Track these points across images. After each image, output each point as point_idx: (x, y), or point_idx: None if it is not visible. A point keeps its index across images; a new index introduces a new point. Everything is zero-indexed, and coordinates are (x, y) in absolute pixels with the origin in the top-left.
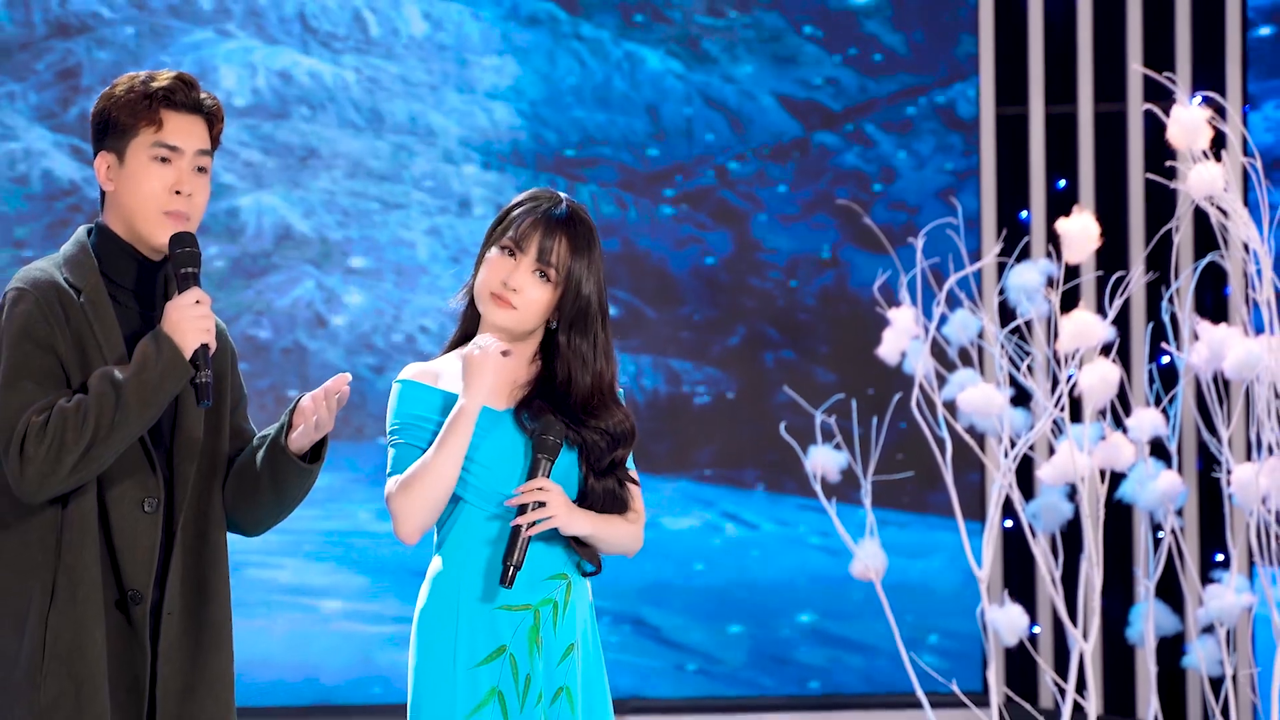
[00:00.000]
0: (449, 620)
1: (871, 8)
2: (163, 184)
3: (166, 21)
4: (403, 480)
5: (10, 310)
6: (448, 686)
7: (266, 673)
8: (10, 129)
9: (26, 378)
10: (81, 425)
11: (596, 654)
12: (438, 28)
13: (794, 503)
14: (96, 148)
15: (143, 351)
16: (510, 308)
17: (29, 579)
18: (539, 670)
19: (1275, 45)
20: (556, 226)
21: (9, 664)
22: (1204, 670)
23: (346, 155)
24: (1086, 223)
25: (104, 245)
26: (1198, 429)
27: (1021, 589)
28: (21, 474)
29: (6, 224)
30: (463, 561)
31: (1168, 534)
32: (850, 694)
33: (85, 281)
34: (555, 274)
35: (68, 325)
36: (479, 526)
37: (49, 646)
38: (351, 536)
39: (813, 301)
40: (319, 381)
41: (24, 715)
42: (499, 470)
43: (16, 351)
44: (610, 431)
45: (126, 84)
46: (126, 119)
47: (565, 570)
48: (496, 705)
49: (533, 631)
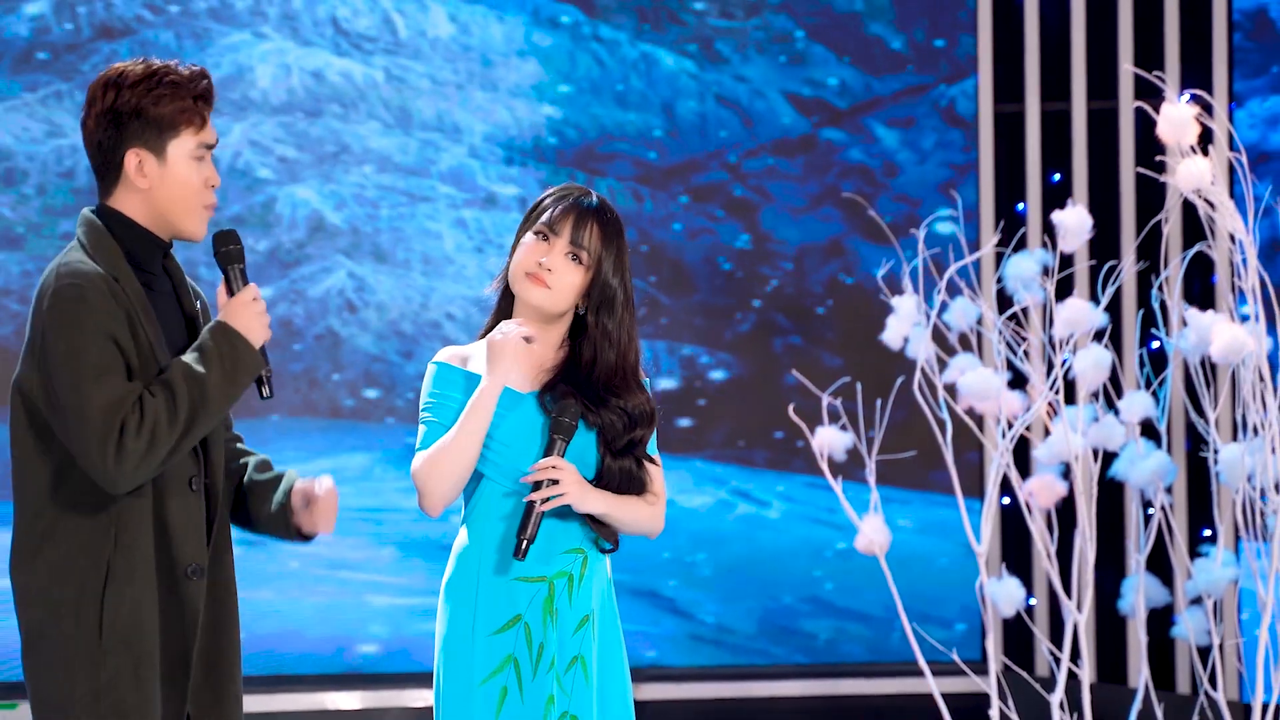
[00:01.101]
0: (469, 590)
1: (875, 10)
2: (202, 181)
3: (206, 24)
4: (427, 456)
5: (74, 305)
6: (467, 653)
7: (299, 643)
8: (58, 126)
9: (108, 372)
10: (171, 421)
11: (614, 626)
12: (463, 30)
13: (802, 481)
14: (118, 142)
15: (216, 347)
16: (545, 286)
17: (87, 559)
18: (552, 640)
19: (1259, 45)
20: (588, 214)
21: (68, 642)
22: (1192, 640)
23: (376, 151)
24: (1080, 214)
25: (125, 233)
26: (1186, 411)
27: (1018, 563)
28: (117, 466)
29: (54, 217)
30: (483, 535)
31: (1157, 510)
32: (855, 663)
33: (119, 270)
34: (587, 257)
35: (120, 313)
36: (498, 502)
37: (107, 625)
38: (381, 513)
39: (820, 290)
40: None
41: (85, 692)
42: (519, 449)
43: (91, 345)
44: (629, 412)
45: (144, 75)
46: (168, 117)
47: (582, 545)
48: (511, 671)
49: (548, 602)
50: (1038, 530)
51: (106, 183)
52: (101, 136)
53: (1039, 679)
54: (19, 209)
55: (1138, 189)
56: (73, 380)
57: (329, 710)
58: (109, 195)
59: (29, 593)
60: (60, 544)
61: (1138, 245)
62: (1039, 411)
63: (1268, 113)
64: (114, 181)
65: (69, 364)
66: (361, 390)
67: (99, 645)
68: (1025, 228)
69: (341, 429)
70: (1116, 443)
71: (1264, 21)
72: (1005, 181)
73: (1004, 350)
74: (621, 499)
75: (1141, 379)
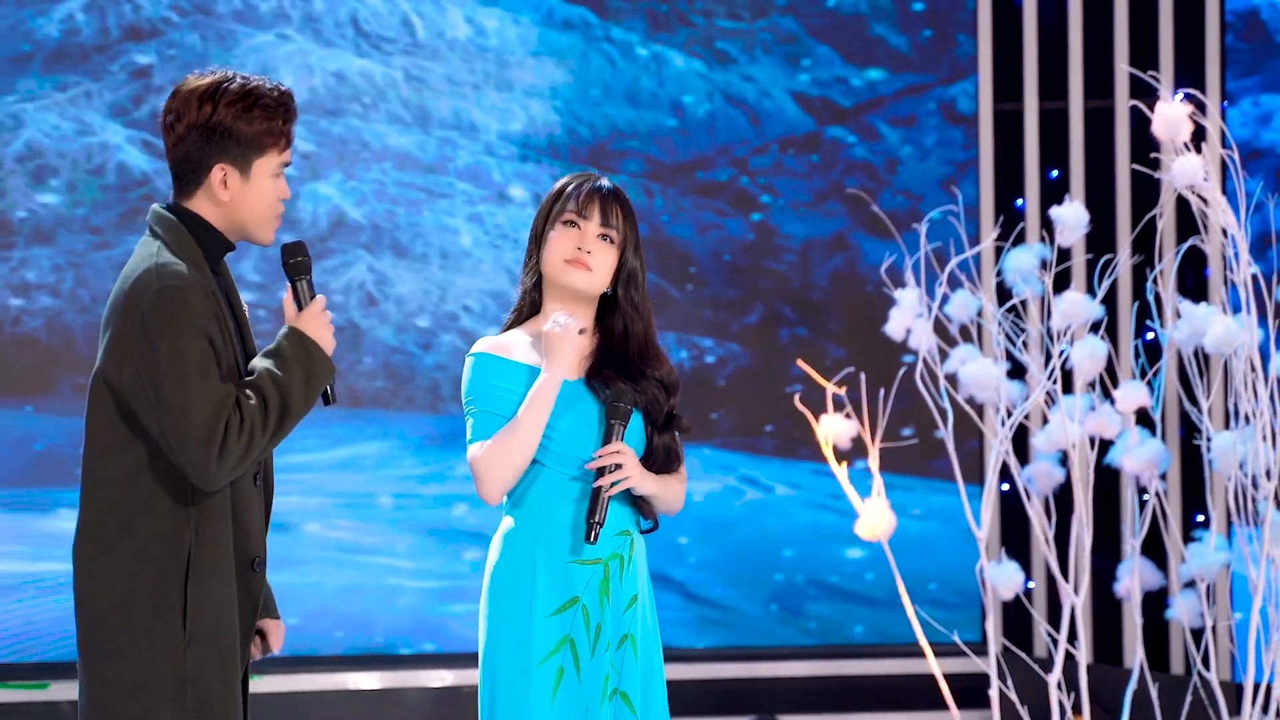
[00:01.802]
0: (525, 572)
1: (878, 12)
2: (278, 196)
3: (230, 26)
4: (488, 446)
5: (178, 306)
6: (523, 634)
7: (323, 624)
8: (88, 125)
9: (209, 372)
10: (265, 423)
11: (653, 605)
12: (480, 31)
13: (807, 468)
14: (207, 156)
15: (295, 354)
16: (587, 269)
17: (166, 550)
18: (608, 619)
19: (1251, 46)
20: (611, 197)
21: (144, 632)
22: (1186, 622)
23: (395, 149)
24: (1077, 210)
25: (204, 236)
26: (1180, 400)
27: (1017, 547)
28: (219, 465)
29: (84, 212)
30: (540, 520)
31: (1152, 497)
32: (858, 644)
33: (202, 271)
34: (617, 236)
35: (212, 314)
36: (560, 487)
37: (191, 616)
38: (398, 499)
39: (824, 282)
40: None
41: (166, 682)
42: (576, 435)
43: (194, 346)
44: (663, 382)
45: (241, 96)
46: (257, 138)
47: (629, 527)
48: (568, 651)
49: (603, 584)
50: (1036, 516)
51: (186, 186)
52: (191, 147)
53: (1037, 660)
54: (49, 205)
55: (1133, 185)
56: (178, 379)
57: (349, 690)
58: (187, 198)
59: (96, 582)
60: (136, 535)
61: (1133, 240)
62: (1037, 401)
63: (1259, 111)
64: (195, 188)
65: (175, 363)
66: (381, 380)
67: (182, 636)
68: (1024, 223)
69: (362, 417)
70: (1112, 431)
71: (1255, 22)
72: (1005, 178)
73: (1003, 341)
74: (665, 479)
75: (1136, 369)
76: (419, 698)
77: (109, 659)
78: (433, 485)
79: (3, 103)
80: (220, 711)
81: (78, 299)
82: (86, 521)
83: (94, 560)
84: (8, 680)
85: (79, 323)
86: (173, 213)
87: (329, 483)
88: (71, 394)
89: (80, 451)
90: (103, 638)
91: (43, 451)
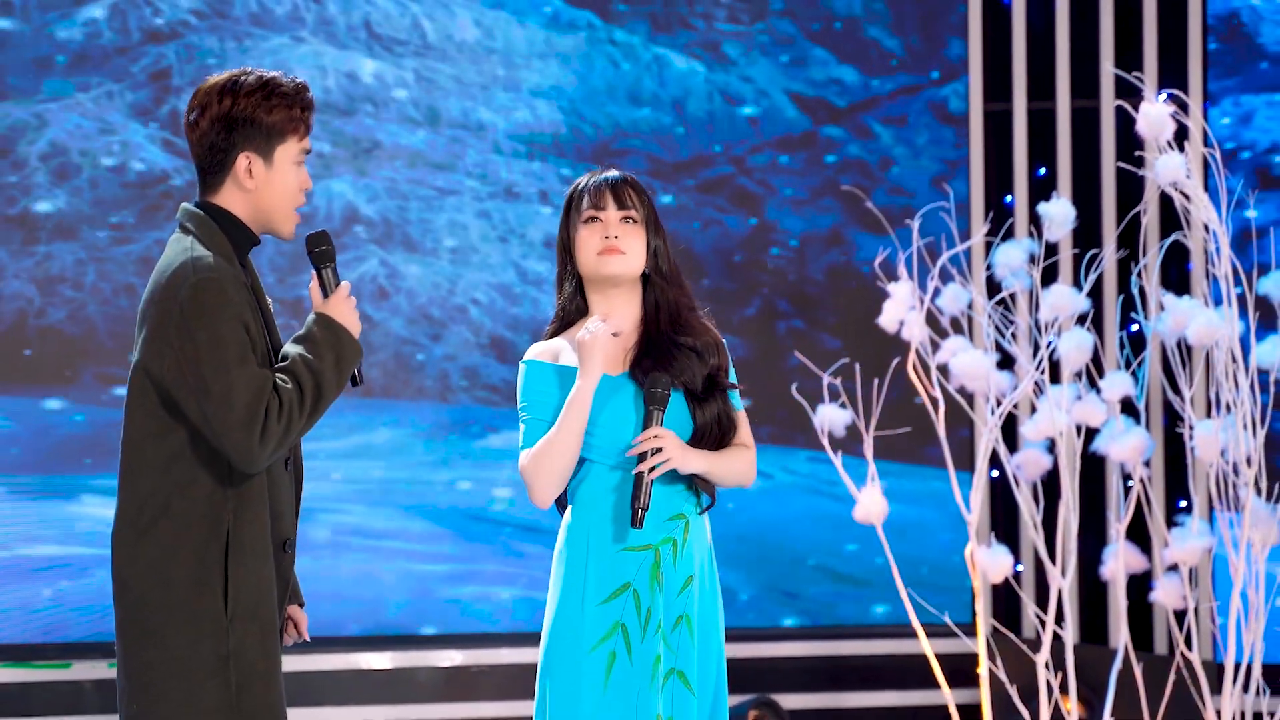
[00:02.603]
0: (579, 563)
1: (872, 15)
2: (300, 185)
3: (247, 29)
4: (533, 454)
5: (215, 296)
6: (576, 622)
7: (334, 607)
8: (110, 124)
9: (247, 359)
10: (301, 406)
11: (713, 585)
12: (487, 34)
13: (804, 455)
14: (230, 146)
15: (324, 338)
16: (620, 253)
17: (206, 533)
18: (659, 603)
19: (1232, 48)
20: (621, 183)
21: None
22: (1169, 604)
23: (406, 147)
24: (1064, 206)
25: (231, 228)
26: (1163, 389)
27: (1006, 532)
28: (261, 448)
29: (105, 208)
30: (590, 511)
31: (1136, 483)
32: (853, 624)
33: (233, 262)
34: (638, 214)
35: (246, 304)
36: (604, 478)
37: (232, 596)
38: (410, 485)
39: (820, 276)
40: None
41: (210, 659)
42: (619, 429)
43: (233, 334)
44: (697, 349)
45: (259, 86)
46: (277, 125)
47: (684, 510)
48: (619, 637)
49: (654, 568)
50: (1024, 501)
51: (212, 180)
52: (216, 139)
53: (1025, 640)
54: (72, 201)
55: (1118, 182)
56: (219, 366)
57: (362, 669)
58: (214, 193)
59: (137, 565)
60: (176, 518)
61: (1118, 235)
62: (1026, 390)
63: (1240, 111)
64: (221, 181)
65: (214, 351)
66: (392, 370)
67: (224, 615)
68: (1013, 218)
69: (374, 407)
70: (1098, 419)
71: (1236, 26)
72: (994, 175)
73: (993, 333)
74: (718, 455)
75: (1121, 360)
76: (430, 677)
77: (151, 640)
78: (443, 472)
79: (28, 103)
80: (262, 688)
81: (99, 292)
82: (126, 508)
83: (134, 545)
84: (33, 660)
85: (101, 315)
86: (201, 208)
87: (342, 469)
88: (93, 383)
89: (108, 438)
90: (144, 619)
91: (66, 439)
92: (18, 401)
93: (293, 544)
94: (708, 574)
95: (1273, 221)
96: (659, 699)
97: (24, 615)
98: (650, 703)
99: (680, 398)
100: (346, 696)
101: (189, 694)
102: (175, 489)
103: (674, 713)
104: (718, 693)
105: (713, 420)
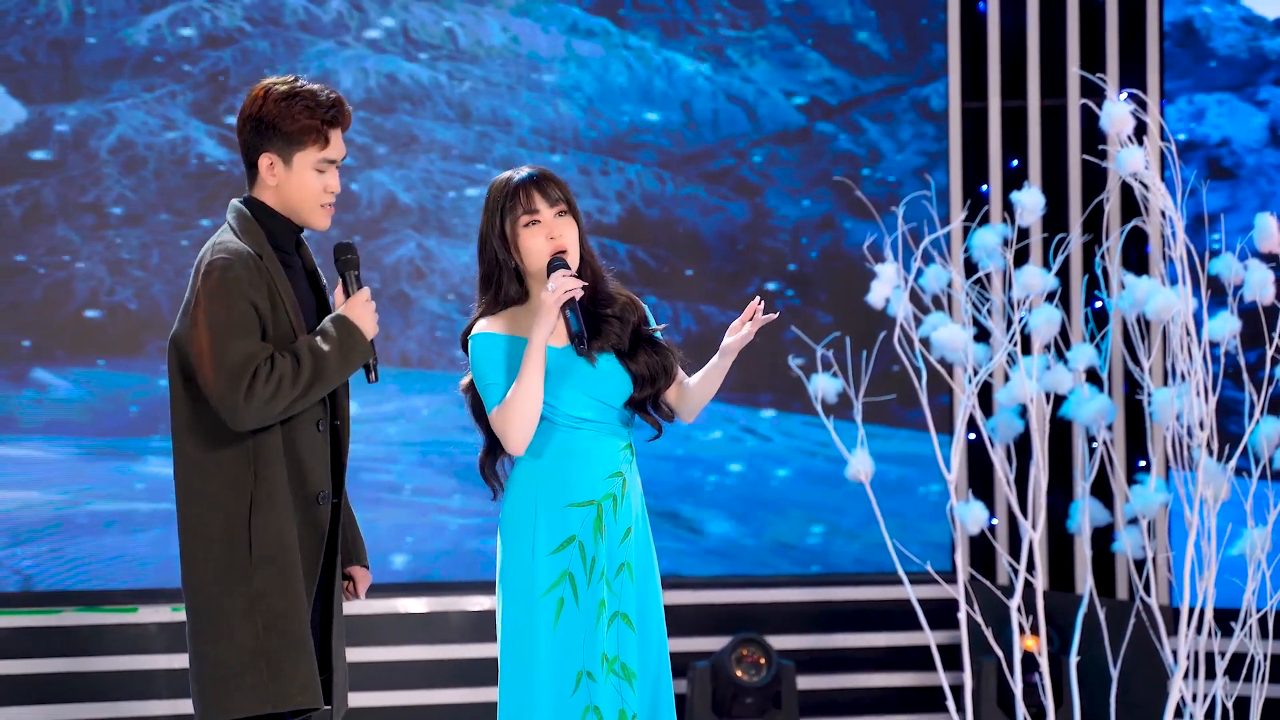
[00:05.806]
0: (528, 516)
1: (861, 22)
2: (322, 187)
3: (297, 35)
4: (502, 407)
5: (223, 275)
6: (528, 571)
7: (374, 557)
8: (173, 121)
9: (246, 330)
10: (295, 380)
11: (647, 535)
12: (514, 40)
13: (799, 420)
14: (256, 145)
15: (336, 333)
16: (565, 248)
17: (232, 491)
18: (602, 553)
19: (1187, 51)
20: (541, 179)
21: (220, 562)
22: (1129, 554)
23: (440, 142)
24: (1034, 195)
25: (266, 218)
26: (1124, 360)
27: (982, 489)
28: (247, 405)
29: (169, 197)
30: (537, 469)
31: (1100, 445)
32: (844, 573)
33: (262, 249)
34: (566, 205)
35: (262, 285)
36: (548, 435)
37: (255, 546)
38: (445, 445)
39: (814, 258)
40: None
41: (239, 602)
42: (575, 398)
43: (237, 308)
44: (618, 314)
45: (286, 95)
46: (297, 133)
47: (621, 469)
48: (567, 584)
49: (597, 522)
50: (999, 461)
51: (250, 174)
52: (246, 137)
53: (1000, 587)
54: (139, 191)
55: (1083, 173)
56: (217, 333)
57: (400, 613)
58: (252, 186)
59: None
60: (208, 478)
61: (1083, 220)
62: (1000, 361)
63: (1193, 109)
64: (255, 175)
65: (215, 320)
66: (428, 343)
67: (249, 564)
68: (988, 206)
69: (411, 376)
70: (1065, 387)
71: (1190, 31)
72: (971, 167)
73: (970, 309)
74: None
75: (1086, 333)
76: (460, 620)
77: (195, 589)
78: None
79: (99, 102)
80: (284, 626)
81: (163, 272)
82: (175, 471)
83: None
84: (102, 605)
85: (164, 293)
86: (244, 202)
87: (381, 432)
88: (158, 355)
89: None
90: (191, 571)
91: (130, 405)
92: (89, 372)
93: (327, 497)
94: (643, 524)
95: (1223, 208)
96: (604, 639)
97: (96, 564)
98: (596, 643)
99: (613, 359)
100: (387, 637)
101: (230, 636)
102: (205, 452)
103: (619, 651)
104: (658, 627)
105: (645, 368)
